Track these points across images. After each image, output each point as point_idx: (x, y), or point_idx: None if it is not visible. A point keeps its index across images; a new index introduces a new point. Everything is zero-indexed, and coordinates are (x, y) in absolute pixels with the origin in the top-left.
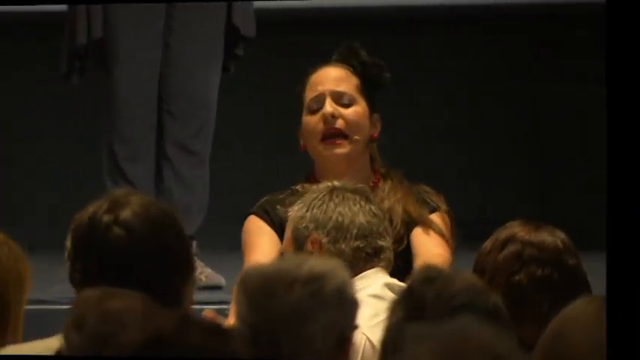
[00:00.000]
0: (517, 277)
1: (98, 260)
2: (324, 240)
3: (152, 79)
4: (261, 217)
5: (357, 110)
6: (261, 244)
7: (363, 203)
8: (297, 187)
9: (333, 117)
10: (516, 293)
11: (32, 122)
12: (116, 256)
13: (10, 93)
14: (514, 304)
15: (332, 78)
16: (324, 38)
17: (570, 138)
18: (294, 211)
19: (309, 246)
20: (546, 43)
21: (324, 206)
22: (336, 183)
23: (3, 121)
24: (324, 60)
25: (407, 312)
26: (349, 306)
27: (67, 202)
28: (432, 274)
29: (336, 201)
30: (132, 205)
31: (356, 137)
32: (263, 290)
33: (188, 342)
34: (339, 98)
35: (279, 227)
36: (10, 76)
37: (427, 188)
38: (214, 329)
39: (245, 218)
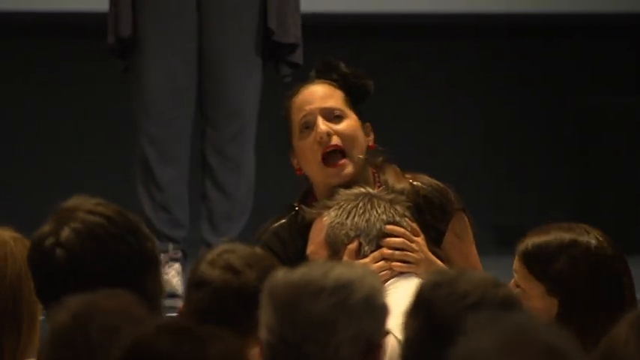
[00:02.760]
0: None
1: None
2: (367, 248)
3: (181, 81)
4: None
5: (350, 123)
6: None
7: (401, 213)
8: (296, 206)
9: (328, 135)
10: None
11: (59, 124)
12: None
13: (34, 93)
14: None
15: (318, 95)
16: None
17: (607, 146)
18: (331, 217)
19: (347, 253)
20: (586, 53)
21: (367, 214)
22: (370, 190)
23: (29, 123)
24: (300, 80)
25: (420, 321)
26: (378, 313)
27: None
28: (438, 279)
29: (379, 210)
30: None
31: (355, 153)
32: (289, 300)
33: (160, 350)
34: (329, 114)
35: (286, 261)
36: (34, 77)
37: (429, 179)
38: (188, 335)
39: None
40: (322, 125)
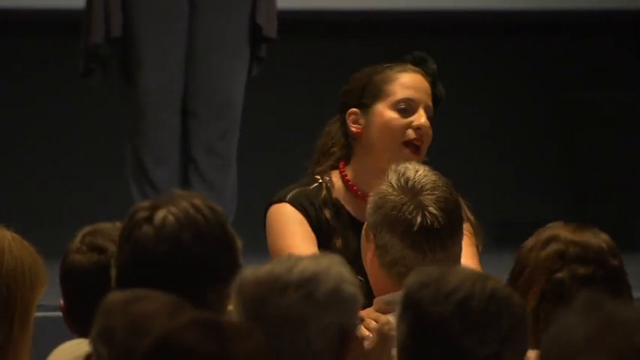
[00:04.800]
0: (559, 275)
1: (131, 260)
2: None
3: (175, 81)
4: (297, 209)
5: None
6: (305, 232)
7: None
8: (319, 178)
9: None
10: (557, 290)
11: (52, 124)
12: (147, 256)
13: (30, 92)
14: (554, 301)
15: (425, 89)
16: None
17: (602, 142)
18: (376, 214)
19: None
20: (579, 49)
21: (395, 239)
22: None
23: (24, 122)
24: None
25: (409, 323)
26: (347, 304)
27: (82, 207)
28: (424, 278)
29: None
30: (172, 205)
31: (423, 156)
32: (257, 297)
33: (185, 344)
34: (427, 113)
35: (313, 222)
36: (31, 76)
37: None
38: (214, 331)
39: (269, 205)
40: (425, 119)
